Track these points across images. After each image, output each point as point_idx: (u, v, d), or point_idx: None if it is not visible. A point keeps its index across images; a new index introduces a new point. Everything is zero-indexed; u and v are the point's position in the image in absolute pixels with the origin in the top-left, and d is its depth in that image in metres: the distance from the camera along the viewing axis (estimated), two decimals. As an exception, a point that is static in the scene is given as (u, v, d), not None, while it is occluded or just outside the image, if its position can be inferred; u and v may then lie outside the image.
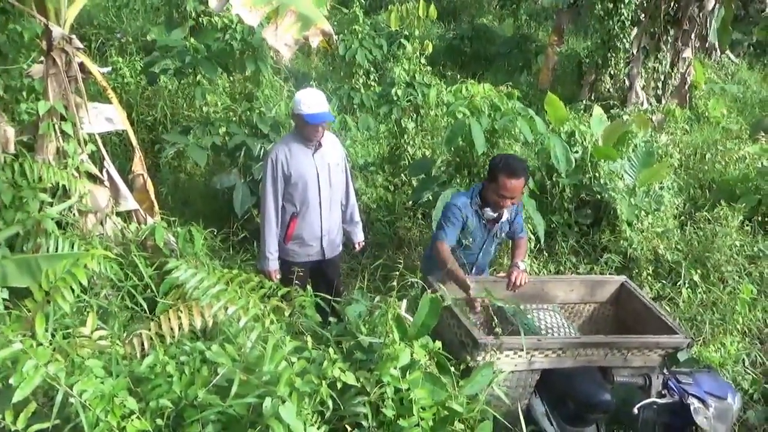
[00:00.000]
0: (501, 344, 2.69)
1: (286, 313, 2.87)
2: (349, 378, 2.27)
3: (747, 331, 4.64)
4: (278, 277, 3.82)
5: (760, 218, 5.86)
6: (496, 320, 2.77)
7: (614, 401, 2.91)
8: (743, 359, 4.27)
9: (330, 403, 2.21)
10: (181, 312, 2.53)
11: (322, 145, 3.81)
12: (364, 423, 2.26)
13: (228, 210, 5.42)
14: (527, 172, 3.53)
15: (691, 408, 2.32)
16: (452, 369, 2.46)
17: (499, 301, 2.89)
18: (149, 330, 2.46)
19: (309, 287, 3.47)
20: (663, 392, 2.41)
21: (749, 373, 4.17)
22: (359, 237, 4.25)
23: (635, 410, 2.36)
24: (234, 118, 5.47)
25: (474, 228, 3.53)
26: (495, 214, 3.51)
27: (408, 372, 2.30)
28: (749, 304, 4.65)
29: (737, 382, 3.93)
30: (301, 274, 3.57)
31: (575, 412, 2.93)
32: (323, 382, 2.20)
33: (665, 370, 2.67)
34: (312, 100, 3.64)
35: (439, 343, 2.49)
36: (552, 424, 2.95)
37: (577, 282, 3.64)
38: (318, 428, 2.16)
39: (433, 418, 2.27)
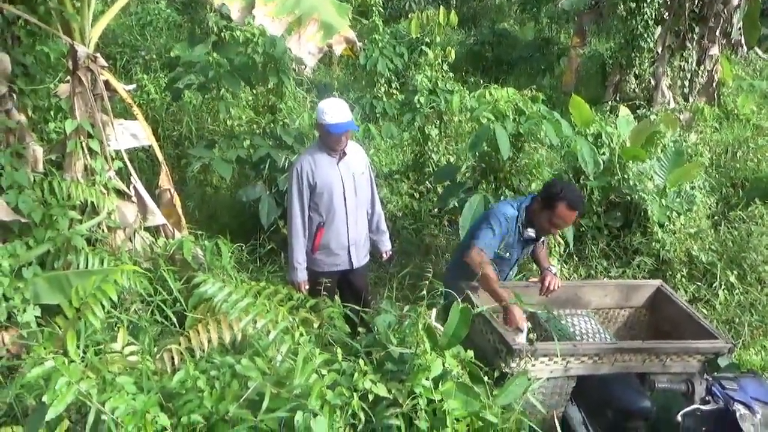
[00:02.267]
0: (536, 350, 2.63)
1: (315, 325, 2.85)
2: (381, 390, 2.23)
3: (788, 333, 4.51)
4: (307, 287, 3.81)
5: (796, 216, 5.70)
6: (530, 326, 2.72)
7: (654, 408, 2.83)
8: (785, 362, 4.15)
9: (362, 415, 2.18)
10: (210, 326, 2.53)
11: (347, 154, 3.80)
12: (397, 434, 2.22)
13: (254, 222, 5.43)
14: (584, 208, 3.43)
15: (737, 414, 2.24)
16: (485, 378, 2.41)
17: (533, 306, 2.83)
18: (179, 345, 2.46)
19: (337, 298, 3.47)
20: (707, 398, 2.33)
21: (792, 377, 4.04)
22: (386, 246, 4.22)
23: (678, 418, 2.28)
24: (258, 131, 5.50)
25: (513, 242, 3.46)
26: (534, 236, 3.45)
27: (440, 383, 2.25)
28: (789, 304, 4.53)
29: (781, 387, 3.81)
30: (329, 284, 3.56)
31: (613, 421, 2.85)
32: (355, 394, 2.17)
33: (707, 376, 2.59)
34: (335, 110, 3.63)
35: (471, 353, 2.45)
36: (589, 432, 2.88)
37: (612, 287, 3.56)
38: (352, 442, 2.14)
39: (467, 429, 2.22)
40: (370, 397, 2.22)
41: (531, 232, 3.44)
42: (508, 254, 3.47)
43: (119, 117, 4.18)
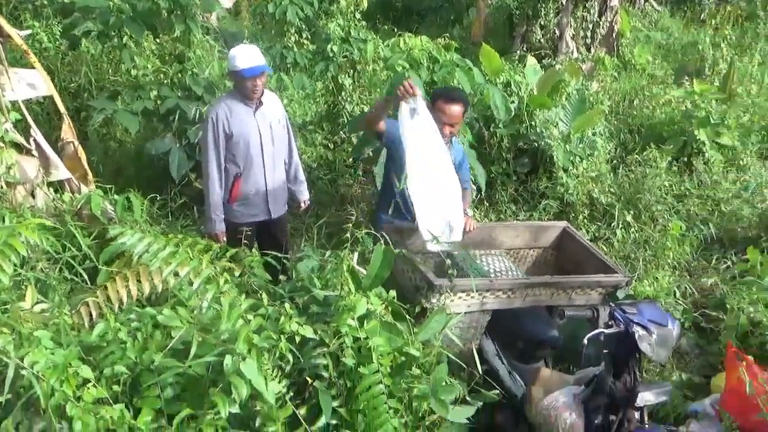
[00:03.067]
0: (455, 286, 2.75)
1: (236, 274, 2.85)
2: (307, 331, 2.28)
3: (677, 265, 4.90)
4: (225, 239, 3.77)
5: (686, 159, 6.13)
6: (449, 263, 2.85)
7: (561, 337, 3.05)
8: (674, 291, 4.52)
9: (290, 356, 2.23)
10: (129, 278, 2.48)
11: (263, 104, 3.76)
12: (325, 374, 2.28)
13: (164, 176, 5.27)
14: (466, 100, 3.53)
15: (636, 336, 2.45)
16: (407, 315, 2.51)
17: (449, 246, 2.94)
18: (96, 299, 2.40)
19: (256, 247, 3.46)
20: (610, 323, 2.53)
21: (680, 304, 4.42)
22: (304, 195, 4.22)
23: (585, 341, 2.47)
24: (165, 81, 5.28)
25: None
26: None
27: (365, 322, 2.33)
28: (678, 240, 4.90)
29: (670, 313, 4.16)
30: (249, 233, 3.54)
31: (525, 350, 3.04)
32: (282, 337, 2.21)
33: (611, 303, 2.81)
34: (246, 55, 3.57)
35: (393, 293, 2.53)
36: (503, 363, 3.06)
37: (522, 228, 3.74)
38: (279, 382, 2.18)
39: (391, 364, 2.31)
40: (297, 339, 2.26)
41: None
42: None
43: (13, 66, 3.90)
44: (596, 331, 2.48)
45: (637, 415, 2.62)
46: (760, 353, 3.63)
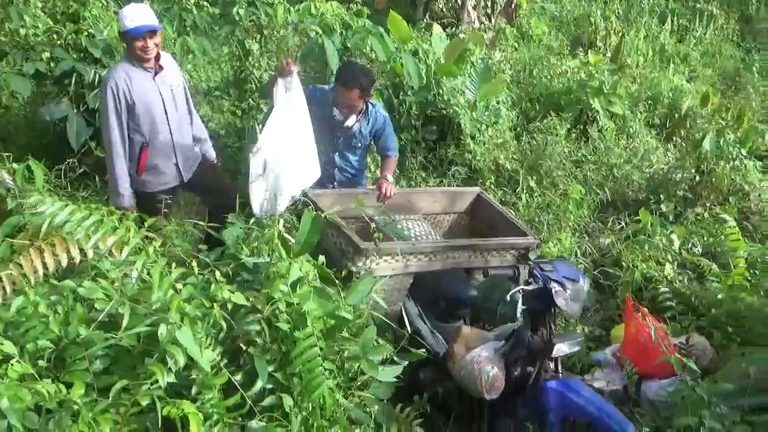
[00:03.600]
0: (380, 249, 2.81)
1: (157, 244, 2.76)
2: (239, 298, 2.27)
3: (577, 227, 5.21)
4: (135, 213, 3.63)
5: (582, 126, 6.47)
6: (374, 227, 2.90)
7: (479, 296, 3.19)
8: (576, 251, 4.82)
9: (223, 324, 2.21)
10: (44, 251, 2.35)
11: (163, 68, 3.61)
12: (258, 340, 2.29)
13: (61, 144, 4.95)
14: (363, 84, 3.60)
15: (553, 291, 2.62)
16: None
17: (371, 211, 2.99)
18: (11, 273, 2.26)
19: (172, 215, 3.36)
20: (529, 280, 2.68)
21: (581, 263, 4.72)
22: (212, 154, 4.11)
23: (508, 297, 2.61)
24: (59, 42, 4.93)
25: (320, 120, 3.58)
26: (342, 118, 3.60)
27: (297, 287, 2.34)
28: (578, 203, 5.20)
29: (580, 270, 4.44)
30: (168, 200, 3.42)
31: (445, 310, 3.17)
32: (214, 305, 2.19)
33: (530, 261, 2.97)
34: (134, 13, 3.43)
35: (322, 258, 2.56)
36: (425, 323, 3.17)
37: (439, 194, 3.85)
38: (213, 350, 2.17)
39: (323, 328, 2.35)
40: (229, 306, 2.25)
41: (338, 114, 3.66)
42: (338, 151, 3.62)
43: None
44: (517, 288, 2.63)
45: (552, 365, 2.81)
46: (653, 306, 3.96)
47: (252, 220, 2.76)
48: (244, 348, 2.28)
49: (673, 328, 3.70)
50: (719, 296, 3.84)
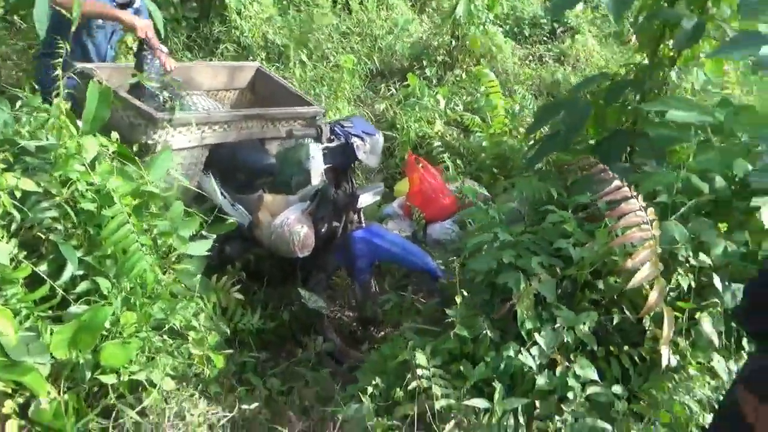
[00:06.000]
0: (175, 120, 2.67)
1: None
2: (28, 184, 2.05)
3: (351, 97, 5.39)
4: None
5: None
6: (163, 98, 2.73)
7: (277, 164, 3.23)
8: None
9: (16, 213, 1.99)
10: None
11: None
12: (59, 226, 2.11)
13: None
14: None
15: (355, 146, 2.73)
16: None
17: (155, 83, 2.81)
18: None
19: None
20: (332, 138, 2.75)
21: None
22: None
23: (304, 164, 2.67)
24: None
25: None
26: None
27: (96, 165, 2.17)
28: (351, 72, 5.35)
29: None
30: None
31: (244, 181, 3.15)
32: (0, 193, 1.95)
33: (330, 120, 3.03)
34: None
35: (116, 134, 2.37)
36: (225, 197, 3.13)
37: (220, 68, 3.70)
38: (7, 242, 1.96)
39: (130, 204, 2.23)
40: (17, 194, 2.02)
41: None
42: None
43: None
44: (321, 146, 2.69)
45: (355, 217, 2.99)
46: (428, 159, 4.34)
47: (18, 103, 2.44)
48: (43, 237, 2.09)
49: (447, 177, 4.11)
50: (484, 144, 4.32)
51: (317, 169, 3.27)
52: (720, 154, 2.33)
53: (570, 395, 2.04)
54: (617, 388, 2.06)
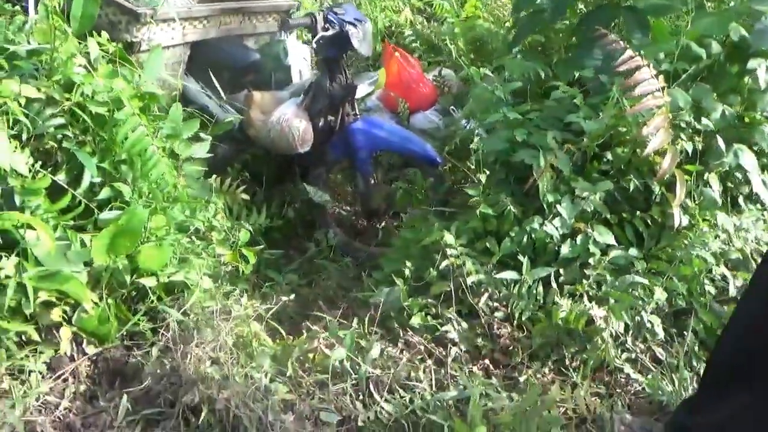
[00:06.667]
0: (156, 14, 2.53)
1: None
2: (29, 90, 1.93)
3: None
4: None
5: None
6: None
7: (262, 60, 3.12)
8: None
9: (26, 122, 1.89)
10: None
11: None
12: (68, 133, 2.01)
13: None
14: None
15: (349, 33, 2.63)
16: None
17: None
18: None
19: None
20: (326, 26, 2.64)
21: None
22: None
23: (314, 44, 2.58)
24: None
25: None
26: None
27: (95, 66, 2.06)
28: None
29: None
30: None
31: (230, 79, 3.03)
32: (6, 101, 1.84)
33: (321, 8, 2.90)
34: None
35: (105, 33, 2.24)
36: (210, 98, 3.02)
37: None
38: (22, 152, 1.87)
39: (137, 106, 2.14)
40: (22, 102, 1.91)
41: None
42: None
43: None
44: (318, 36, 2.59)
45: (350, 108, 2.94)
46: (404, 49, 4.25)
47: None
48: (55, 146, 2.00)
49: (422, 66, 4.05)
50: (456, 30, 4.25)
51: (296, 65, 3.19)
52: (718, 19, 2.38)
53: (591, 261, 2.16)
54: (634, 251, 2.19)
